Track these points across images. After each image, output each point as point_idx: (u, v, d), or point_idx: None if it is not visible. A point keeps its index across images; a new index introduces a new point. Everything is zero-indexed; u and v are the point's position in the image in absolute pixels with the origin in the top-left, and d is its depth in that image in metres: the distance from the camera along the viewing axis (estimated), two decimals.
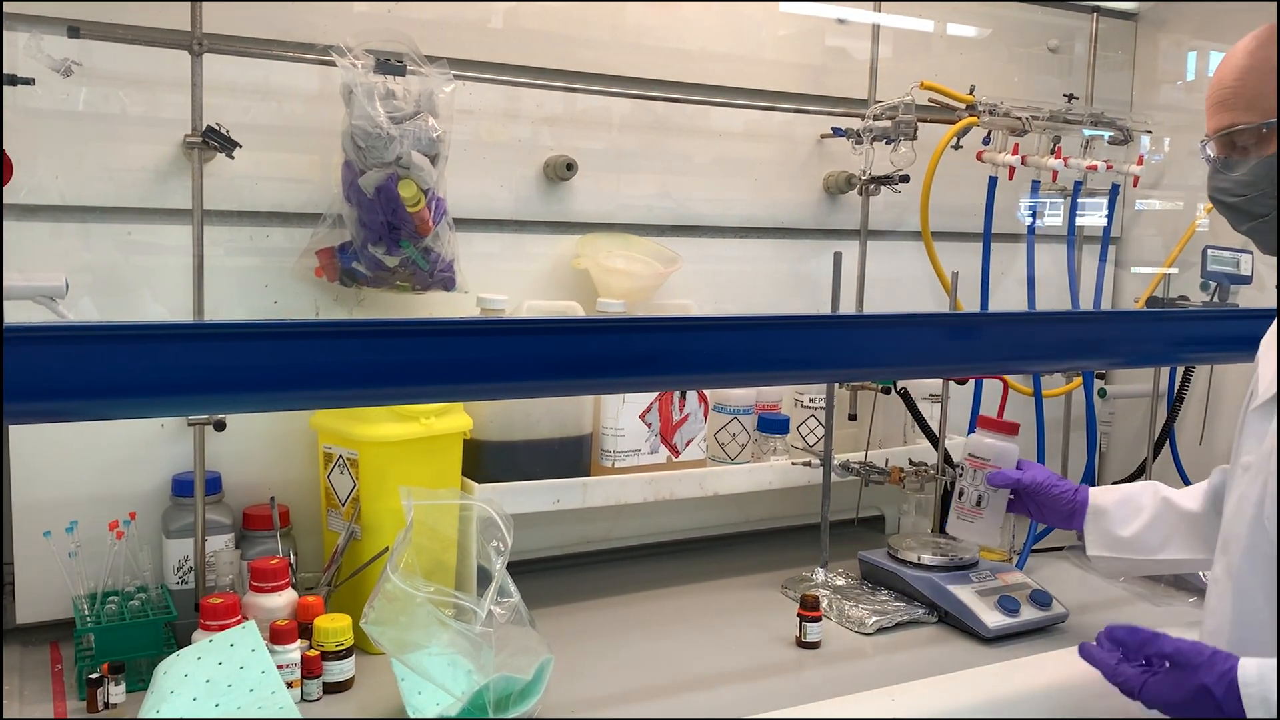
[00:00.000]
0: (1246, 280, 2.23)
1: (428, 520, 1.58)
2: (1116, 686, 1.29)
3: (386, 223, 1.72)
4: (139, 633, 1.56)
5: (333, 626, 1.57)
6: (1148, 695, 1.24)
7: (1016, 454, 1.83)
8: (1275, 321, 1.33)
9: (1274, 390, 1.29)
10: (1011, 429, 1.85)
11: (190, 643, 1.51)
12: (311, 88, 1.81)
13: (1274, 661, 1.16)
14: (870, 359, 1.63)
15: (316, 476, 1.79)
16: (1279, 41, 1.26)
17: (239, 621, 1.52)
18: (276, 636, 1.53)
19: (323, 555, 1.78)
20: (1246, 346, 1.47)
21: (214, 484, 1.74)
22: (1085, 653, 1.35)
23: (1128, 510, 1.69)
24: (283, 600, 1.62)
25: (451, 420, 1.75)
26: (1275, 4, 1.22)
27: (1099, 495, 1.73)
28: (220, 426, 1.70)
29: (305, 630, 1.58)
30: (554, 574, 2.09)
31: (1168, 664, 1.25)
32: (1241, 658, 1.18)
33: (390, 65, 1.70)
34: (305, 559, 1.81)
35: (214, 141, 1.62)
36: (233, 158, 1.66)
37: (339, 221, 1.75)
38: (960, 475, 1.86)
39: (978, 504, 1.83)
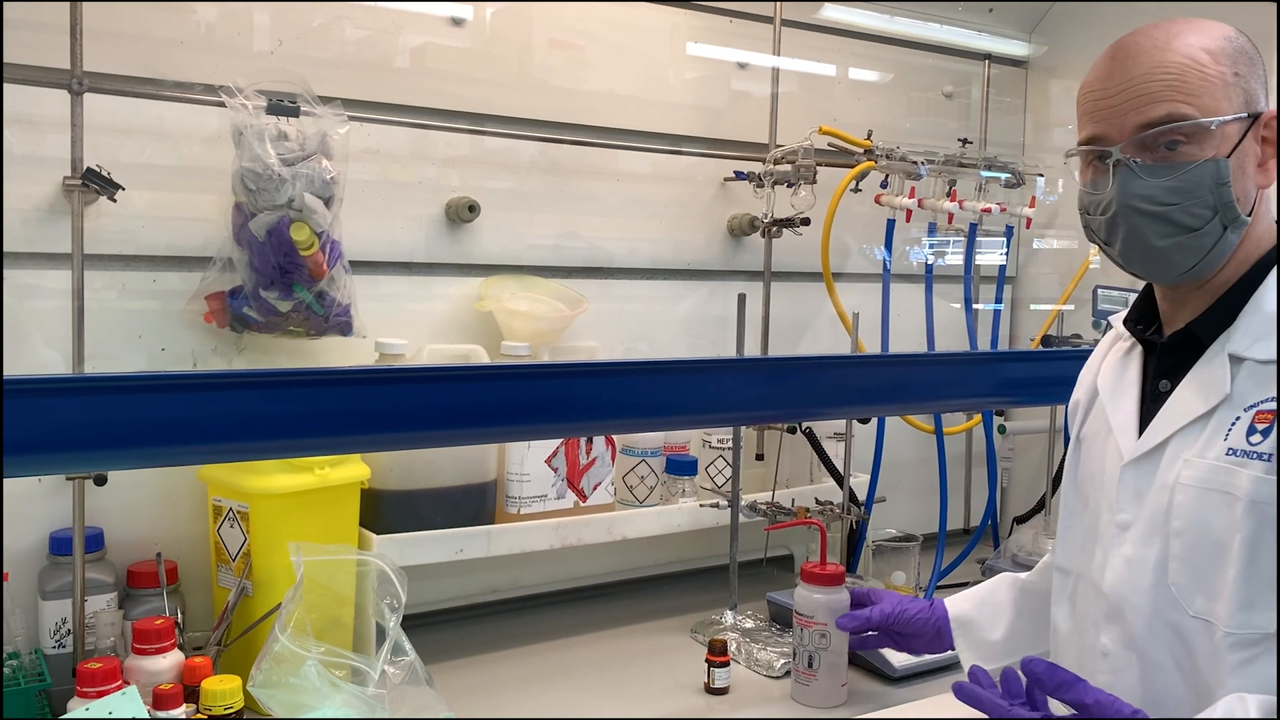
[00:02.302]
0: None
1: (320, 577, 1.53)
2: None
3: (279, 266, 1.68)
4: (10, 702, 1.48)
5: (221, 689, 1.49)
6: None
7: (847, 601, 1.67)
8: None
9: (1147, 447, 1.21)
10: (836, 579, 1.68)
11: (65, 711, 1.42)
12: (208, 128, 1.76)
13: None
14: (775, 400, 1.65)
15: (206, 530, 1.72)
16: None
17: (120, 687, 1.44)
18: (160, 701, 1.45)
19: (213, 614, 1.71)
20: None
21: (95, 540, 1.65)
22: (965, 693, 1.18)
23: (990, 611, 1.55)
24: (168, 662, 1.54)
25: (348, 470, 1.70)
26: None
27: (957, 604, 1.58)
28: (101, 481, 1.63)
29: (192, 693, 1.50)
30: (458, 626, 2.03)
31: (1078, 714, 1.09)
32: None
33: (282, 106, 1.66)
34: (194, 618, 1.73)
35: (94, 184, 1.56)
36: (114, 200, 1.60)
37: (229, 265, 1.70)
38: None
39: (810, 665, 1.68)
